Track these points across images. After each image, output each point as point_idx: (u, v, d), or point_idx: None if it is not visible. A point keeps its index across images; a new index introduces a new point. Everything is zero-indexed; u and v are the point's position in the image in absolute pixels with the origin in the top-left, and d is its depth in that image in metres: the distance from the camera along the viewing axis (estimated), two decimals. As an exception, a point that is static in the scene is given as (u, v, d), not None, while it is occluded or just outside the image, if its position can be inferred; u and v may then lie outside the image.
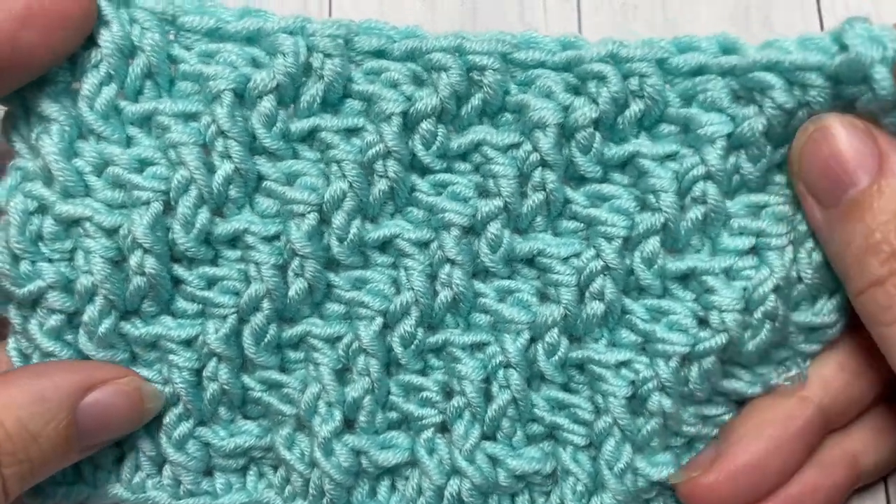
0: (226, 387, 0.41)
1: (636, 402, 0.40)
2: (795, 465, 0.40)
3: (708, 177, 0.39)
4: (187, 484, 0.42)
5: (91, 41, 0.39)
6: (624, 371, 0.40)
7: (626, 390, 0.40)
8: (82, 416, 0.38)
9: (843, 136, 0.37)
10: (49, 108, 0.39)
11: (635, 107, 0.39)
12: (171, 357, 0.41)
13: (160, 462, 0.43)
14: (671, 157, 0.39)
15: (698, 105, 0.39)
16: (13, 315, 0.41)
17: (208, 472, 0.43)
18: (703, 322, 0.39)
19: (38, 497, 0.42)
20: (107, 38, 0.39)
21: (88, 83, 0.39)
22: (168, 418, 0.42)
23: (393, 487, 0.43)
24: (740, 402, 0.42)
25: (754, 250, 0.40)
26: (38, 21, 0.36)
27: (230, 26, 0.40)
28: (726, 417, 0.42)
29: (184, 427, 0.42)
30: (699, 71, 0.39)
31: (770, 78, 0.37)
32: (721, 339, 0.39)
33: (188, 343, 0.41)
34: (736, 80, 0.38)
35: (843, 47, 0.36)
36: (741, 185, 0.40)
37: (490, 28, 0.51)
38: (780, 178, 0.40)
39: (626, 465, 0.40)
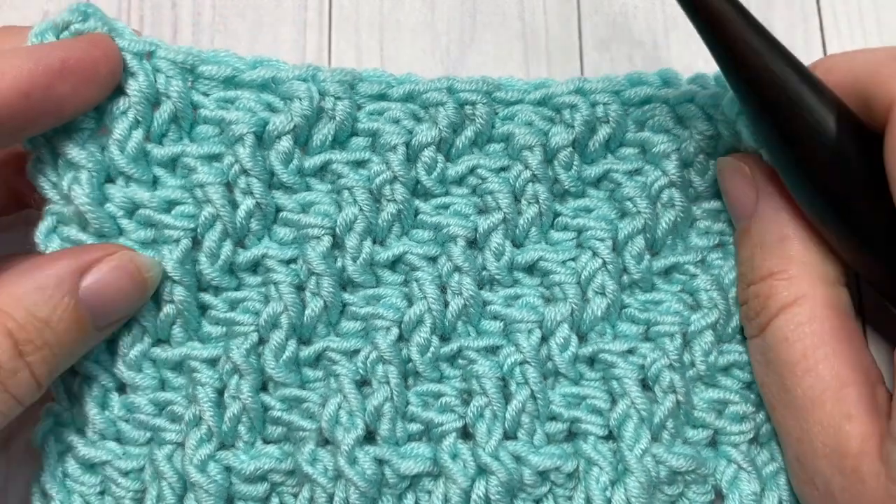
0: (246, 403, 0.43)
1: (648, 390, 0.44)
2: None
3: (671, 184, 0.45)
4: None
5: (116, 90, 0.43)
6: (632, 358, 0.44)
7: (638, 372, 0.44)
8: (87, 297, 0.39)
9: (730, 181, 0.44)
10: (78, 154, 0.42)
11: (603, 131, 0.46)
12: (196, 375, 0.43)
13: (182, 493, 0.43)
14: (637, 171, 0.46)
15: (650, 129, 0.46)
16: None
17: (230, 501, 0.44)
18: (692, 307, 0.45)
19: None
20: (134, 87, 0.43)
21: (119, 129, 0.43)
22: (190, 441, 0.43)
23: None
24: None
25: (720, 246, 0.47)
26: (73, 75, 0.40)
27: (245, 75, 0.45)
28: (738, 407, 0.44)
29: (205, 449, 0.43)
30: (647, 101, 0.46)
31: (692, 109, 0.45)
32: (713, 314, 0.44)
33: (212, 363, 0.44)
34: (676, 108, 0.46)
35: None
36: (699, 195, 0.47)
37: (490, 28, 0.51)
38: None
39: (645, 448, 0.42)
